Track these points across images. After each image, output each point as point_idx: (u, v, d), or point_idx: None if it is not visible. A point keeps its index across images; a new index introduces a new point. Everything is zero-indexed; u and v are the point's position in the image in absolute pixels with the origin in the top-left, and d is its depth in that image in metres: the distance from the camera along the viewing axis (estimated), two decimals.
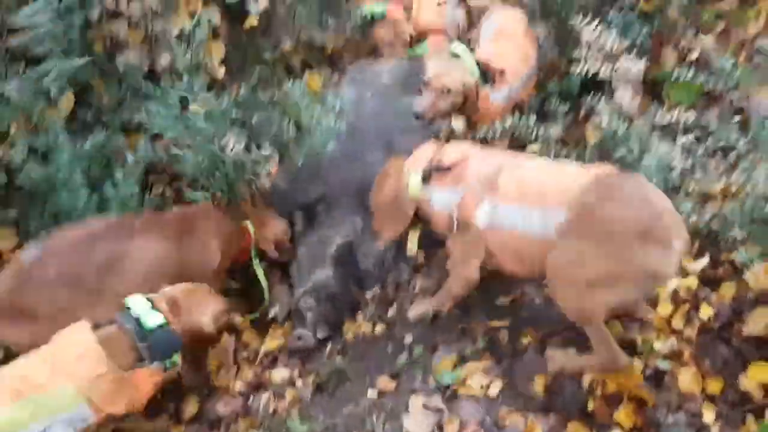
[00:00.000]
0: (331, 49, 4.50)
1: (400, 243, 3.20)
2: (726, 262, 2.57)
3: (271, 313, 3.16)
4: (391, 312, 3.06)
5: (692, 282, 2.49)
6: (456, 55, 3.11)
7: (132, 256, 2.62)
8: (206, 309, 2.49)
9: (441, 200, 2.55)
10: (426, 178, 2.58)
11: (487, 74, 3.10)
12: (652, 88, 3.38)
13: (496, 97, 3.16)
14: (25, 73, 2.76)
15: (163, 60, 3.13)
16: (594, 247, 2.04)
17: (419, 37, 4.13)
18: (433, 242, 2.90)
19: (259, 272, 3.13)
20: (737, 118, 2.67)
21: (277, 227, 3.21)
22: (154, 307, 2.28)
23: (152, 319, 2.24)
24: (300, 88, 3.17)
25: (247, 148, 3.06)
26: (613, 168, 2.25)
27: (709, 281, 2.52)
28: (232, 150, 2.98)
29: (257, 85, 3.38)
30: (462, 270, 2.55)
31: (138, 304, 2.28)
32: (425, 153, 2.66)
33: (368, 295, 3.17)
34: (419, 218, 2.71)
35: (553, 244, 2.16)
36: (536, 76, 3.47)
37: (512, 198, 2.29)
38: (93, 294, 2.55)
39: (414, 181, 2.59)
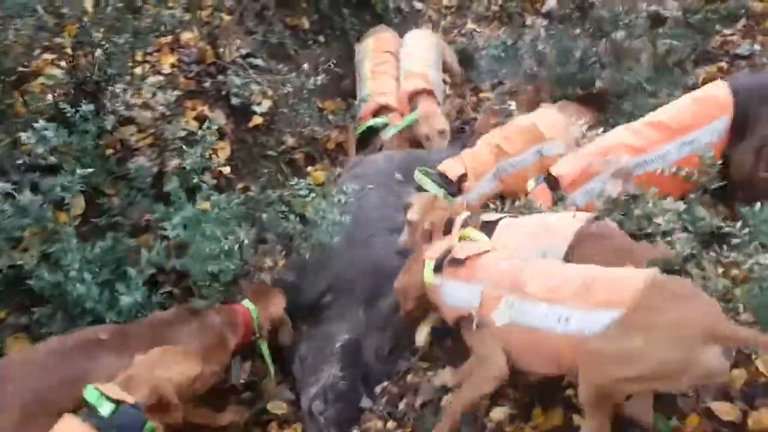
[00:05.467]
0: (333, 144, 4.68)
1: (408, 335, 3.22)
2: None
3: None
4: (402, 406, 3.03)
5: None
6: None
7: (95, 376, 2.45)
8: (171, 375, 2.43)
9: (452, 293, 2.54)
10: (438, 268, 2.58)
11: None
12: None
13: (468, 198, 3.59)
14: (39, 184, 2.81)
15: (172, 162, 3.22)
16: (652, 345, 1.95)
17: None
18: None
19: (265, 353, 3.02)
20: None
21: (280, 302, 3.12)
22: (102, 394, 2.27)
23: (105, 408, 2.24)
24: (305, 184, 3.25)
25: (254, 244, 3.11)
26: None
27: None
28: (239, 247, 3.01)
29: (266, 183, 3.47)
30: (491, 369, 2.37)
31: (91, 395, 2.28)
32: (444, 243, 2.69)
33: (377, 389, 3.10)
34: (431, 308, 2.73)
35: (585, 341, 2.05)
36: None
37: (540, 297, 2.22)
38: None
39: (428, 267, 2.61)
